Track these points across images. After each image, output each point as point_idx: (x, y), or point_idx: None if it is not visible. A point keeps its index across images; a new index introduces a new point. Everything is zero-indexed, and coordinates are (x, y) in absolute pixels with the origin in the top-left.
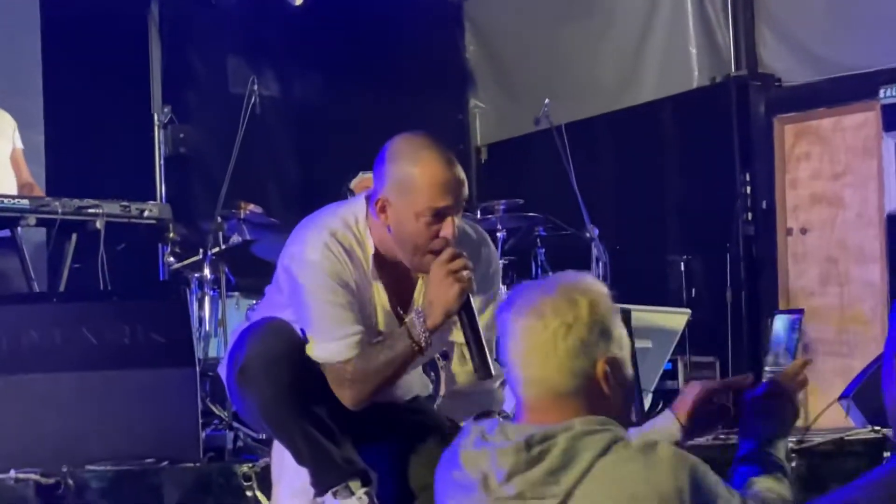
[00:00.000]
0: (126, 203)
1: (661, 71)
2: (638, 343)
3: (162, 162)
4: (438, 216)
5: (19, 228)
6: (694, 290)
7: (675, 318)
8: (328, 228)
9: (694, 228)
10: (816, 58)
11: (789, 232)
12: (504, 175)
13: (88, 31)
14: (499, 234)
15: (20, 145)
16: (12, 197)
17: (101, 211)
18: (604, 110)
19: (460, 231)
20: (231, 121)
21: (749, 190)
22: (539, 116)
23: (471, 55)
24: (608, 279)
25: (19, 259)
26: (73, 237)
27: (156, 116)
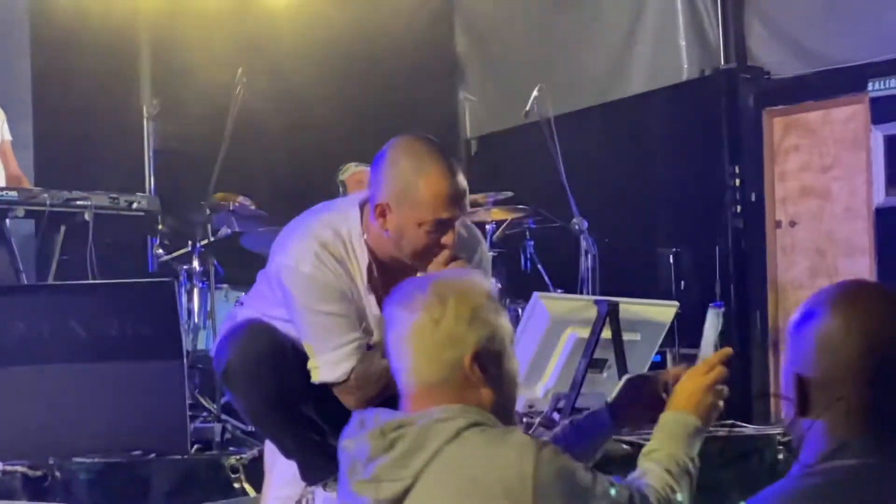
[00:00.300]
0: (115, 195)
1: (651, 63)
2: (626, 335)
3: (151, 154)
4: (441, 225)
5: (7, 220)
6: (683, 282)
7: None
8: (317, 239)
9: (683, 221)
10: (805, 51)
11: (778, 224)
12: (493, 167)
13: (78, 23)
14: (487, 227)
15: (9, 137)
16: (1, 189)
17: (89, 203)
18: (593, 103)
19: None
20: (220, 113)
21: (738, 182)
22: (528, 109)
23: (460, 48)
24: (597, 271)
25: (7, 251)
26: (62, 229)
27: (145, 108)
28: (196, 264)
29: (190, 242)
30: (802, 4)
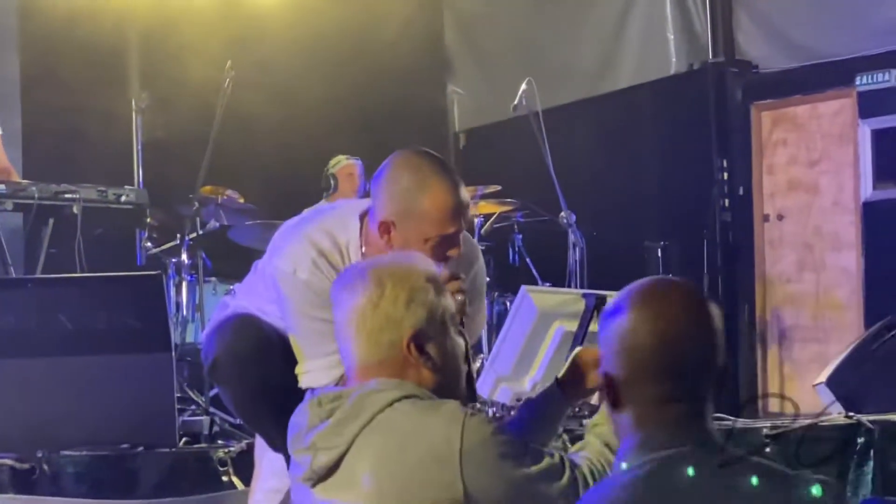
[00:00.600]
0: (103, 188)
1: (639, 57)
2: None
3: (139, 147)
4: (446, 240)
5: None
6: (671, 275)
7: None
8: (315, 246)
9: (671, 214)
10: (793, 45)
11: (766, 218)
12: (482, 160)
13: (67, 16)
14: (476, 220)
15: None
16: None
17: (78, 196)
18: (581, 96)
19: None
20: (209, 106)
21: (726, 176)
22: (516, 103)
23: (449, 41)
24: (585, 265)
25: None
26: (50, 222)
27: (133, 102)
28: (184, 257)
29: (178, 235)
30: None
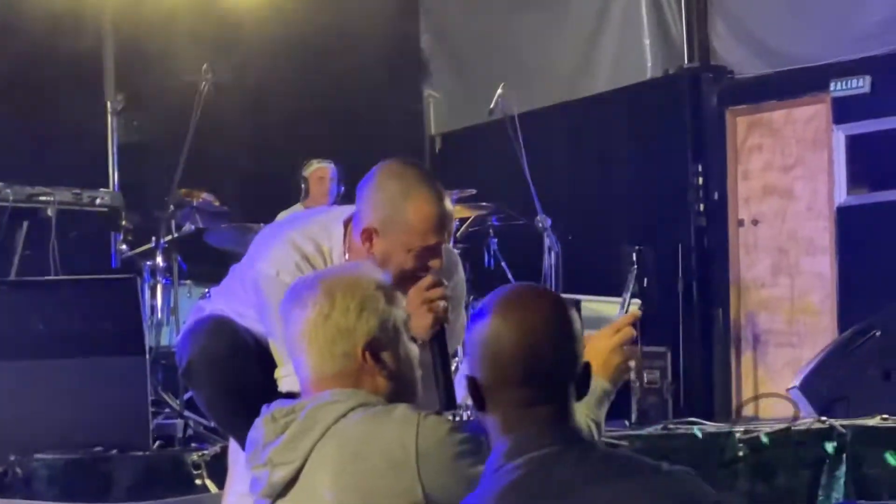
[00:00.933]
0: (78, 191)
1: (615, 62)
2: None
3: (115, 150)
4: (428, 250)
5: None
6: (646, 280)
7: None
8: (299, 250)
9: (646, 219)
10: (768, 50)
11: (741, 223)
12: (458, 164)
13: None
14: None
15: None
16: None
17: (52, 199)
18: (557, 100)
19: None
20: (184, 109)
21: (701, 181)
22: (492, 106)
23: (425, 45)
24: (560, 269)
25: None
26: (25, 224)
27: (109, 104)
28: (159, 260)
29: (153, 238)
30: (766, 5)
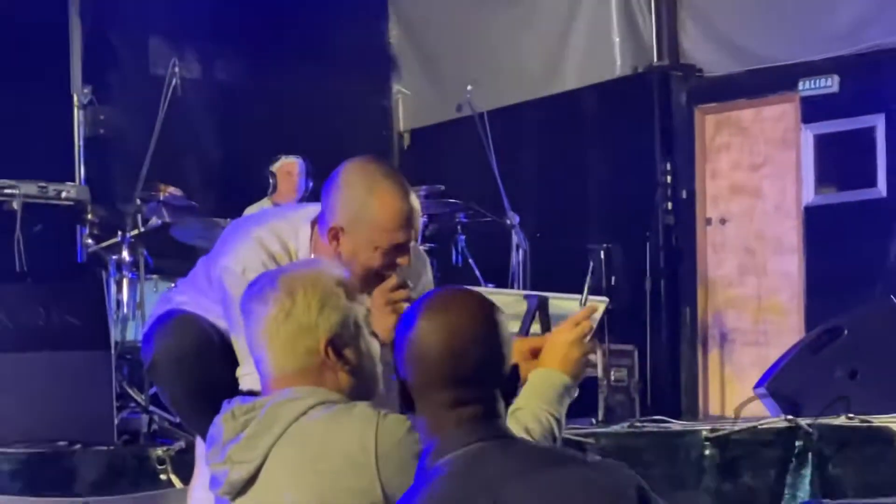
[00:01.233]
0: (44, 184)
1: (584, 59)
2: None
3: (81, 143)
4: (396, 248)
5: None
6: (613, 278)
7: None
8: (266, 248)
9: (614, 217)
10: (738, 49)
11: (709, 222)
12: (426, 161)
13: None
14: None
15: None
16: None
17: (17, 192)
18: (526, 98)
19: None
20: (152, 102)
21: (669, 179)
22: (461, 103)
23: (394, 40)
24: (528, 266)
25: None
26: None
27: (76, 97)
28: (126, 255)
29: (120, 232)
30: (735, 4)
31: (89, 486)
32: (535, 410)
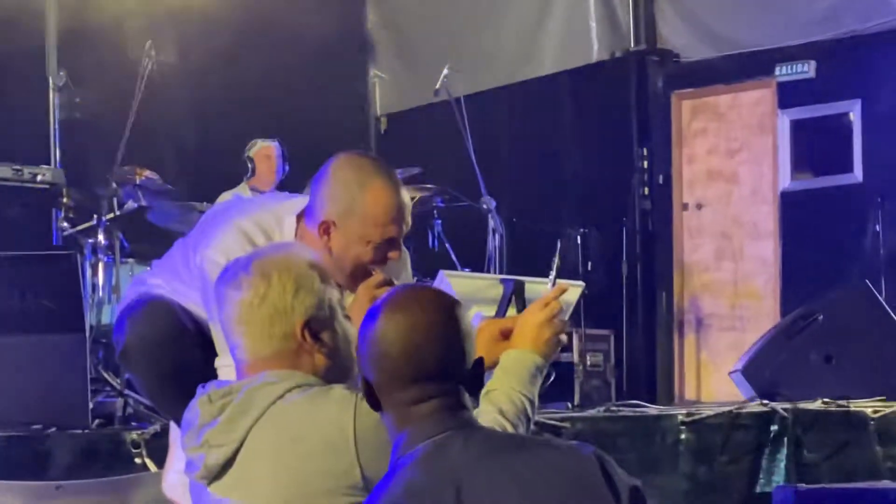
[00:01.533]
0: (18, 167)
1: (561, 44)
2: None
3: (56, 126)
4: (387, 243)
5: None
6: (590, 262)
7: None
8: (249, 239)
9: (590, 202)
10: (714, 35)
11: (685, 207)
12: (403, 145)
13: None
14: None
15: None
16: None
17: None
18: (503, 83)
19: None
20: (128, 86)
21: (646, 164)
22: (438, 87)
23: (371, 25)
24: (504, 251)
25: None
26: None
27: (51, 80)
28: (101, 238)
29: (95, 216)
30: None
31: (63, 469)
32: (507, 391)
